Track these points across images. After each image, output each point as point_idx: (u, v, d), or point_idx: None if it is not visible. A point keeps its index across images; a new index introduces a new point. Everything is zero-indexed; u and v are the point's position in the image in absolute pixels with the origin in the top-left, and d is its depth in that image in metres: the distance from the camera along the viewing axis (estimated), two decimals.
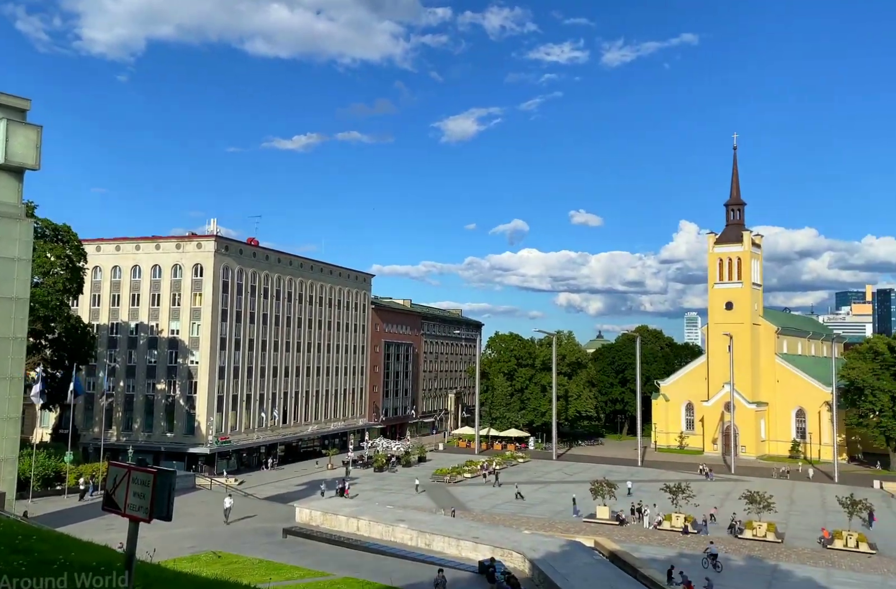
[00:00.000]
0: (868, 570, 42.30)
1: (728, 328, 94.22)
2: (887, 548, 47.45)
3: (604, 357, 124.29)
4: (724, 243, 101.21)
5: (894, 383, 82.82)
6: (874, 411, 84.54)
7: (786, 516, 55.65)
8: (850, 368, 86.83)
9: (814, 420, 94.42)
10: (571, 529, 48.84)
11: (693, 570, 39.25)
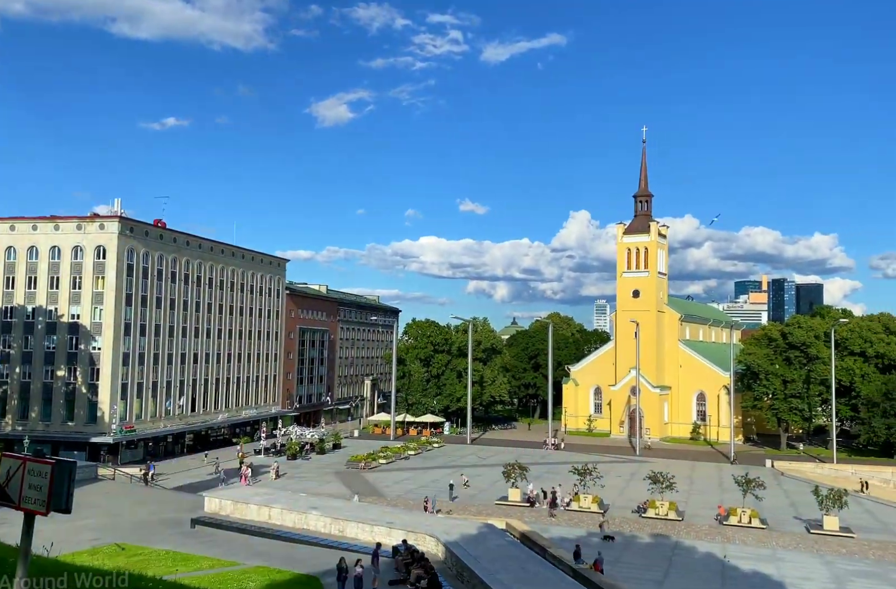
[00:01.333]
0: (759, 544, 45.01)
1: (635, 315, 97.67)
2: (777, 523, 50.62)
3: (518, 343, 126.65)
4: (632, 233, 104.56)
5: (786, 368, 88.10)
6: (767, 395, 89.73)
7: (686, 495, 58.44)
8: (747, 354, 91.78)
9: (713, 403, 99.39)
10: (484, 512, 49.71)
11: (600, 548, 40.73)
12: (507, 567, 26.17)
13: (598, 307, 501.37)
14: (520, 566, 26.50)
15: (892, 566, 40.75)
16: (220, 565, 28.94)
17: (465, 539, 30.40)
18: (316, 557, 30.50)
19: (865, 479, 68.96)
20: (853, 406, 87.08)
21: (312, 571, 27.97)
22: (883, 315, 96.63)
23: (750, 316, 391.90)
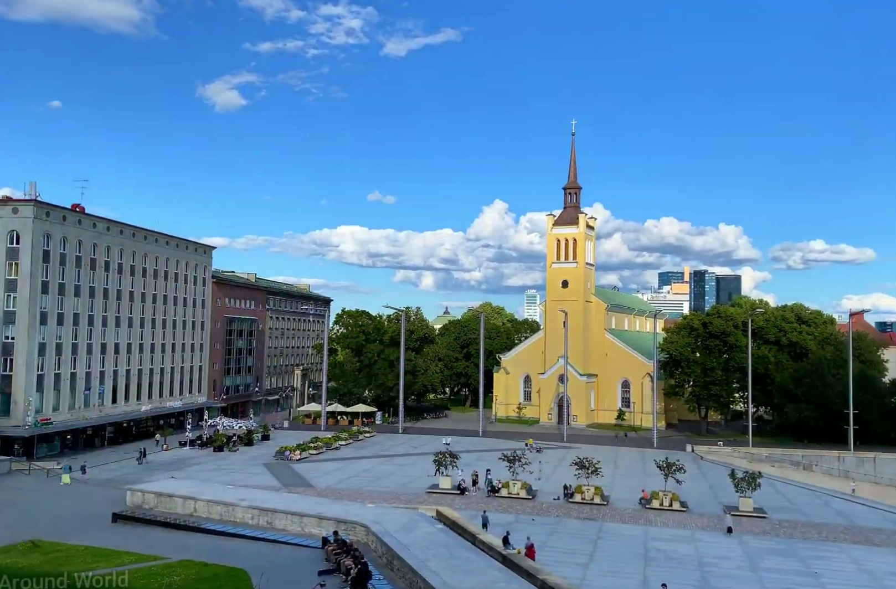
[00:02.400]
0: (680, 526, 46.76)
1: (564, 305, 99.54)
2: (696, 505, 52.68)
3: (450, 332, 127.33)
4: (561, 225, 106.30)
5: (706, 356, 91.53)
6: (689, 382, 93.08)
7: (611, 480, 60.14)
8: (669, 343, 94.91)
9: (637, 390, 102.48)
10: (415, 501, 49.92)
11: (528, 533, 41.52)
12: (438, 554, 26.37)
13: (528, 297, 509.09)
14: (450, 553, 26.74)
15: (801, 543, 43.02)
16: (143, 560, 28.17)
17: (395, 528, 30.46)
18: (243, 550, 30.01)
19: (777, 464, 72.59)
20: (768, 393, 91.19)
21: (240, 563, 27.52)
22: (796, 305, 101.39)
23: (672, 306, 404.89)
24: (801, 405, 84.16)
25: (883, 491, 66.55)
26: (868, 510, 54.40)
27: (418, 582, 23.86)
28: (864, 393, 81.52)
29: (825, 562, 39.17)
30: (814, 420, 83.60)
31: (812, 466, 74.13)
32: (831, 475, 72.01)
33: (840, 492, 61.67)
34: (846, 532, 46.37)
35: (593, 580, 34.24)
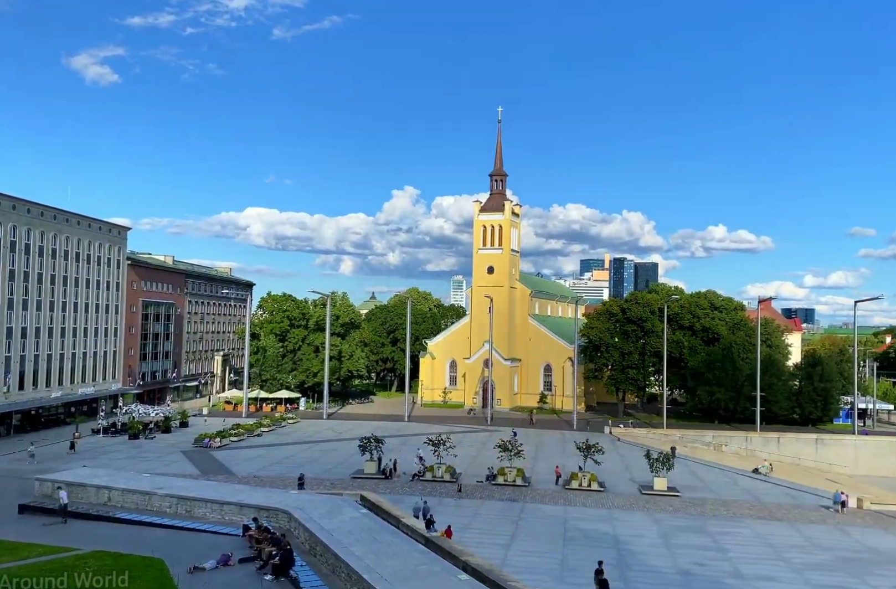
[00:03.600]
0: (598, 505, 48.26)
1: (489, 291, 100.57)
2: (613, 485, 54.46)
3: (377, 317, 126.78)
4: (487, 212, 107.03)
5: (624, 341, 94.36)
6: (607, 366, 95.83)
7: (533, 462, 61.43)
8: (590, 328, 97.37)
9: (559, 374, 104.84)
10: (339, 486, 49.71)
11: (451, 516, 41.98)
12: (361, 539, 26.32)
13: (454, 283, 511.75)
14: (373, 538, 26.72)
15: (710, 520, 45.12)
16: (53, 552, 27.02)
17: (318, 514, 30.22)
18: (161, 539, 29.20)
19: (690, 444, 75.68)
20: (682, 376, 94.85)
21: (157, 553, 26.76)
22: (709, 292, 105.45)
23: (593, 292, 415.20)
24: (713, 388, 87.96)
25: (786, 469, 70.44)
26: (772, 487, 57.53)
27: (341, 567, 23.77)
28: (770, 376, 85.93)
29: (732, 537, 41.21)
30: (724, 402, 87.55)
31: (722, 446, 77.67)
32: (739, 455, 75.68)
33: (748, 471, 64.90)
34: (752, 508, 48.90)
35: (514, 560, 34.97)
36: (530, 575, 30.67)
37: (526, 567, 33.50)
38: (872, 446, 79.07)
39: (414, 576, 22.12)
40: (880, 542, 41.29)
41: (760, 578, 33.72)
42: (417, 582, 21.52)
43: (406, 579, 21.56)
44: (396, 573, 22.11)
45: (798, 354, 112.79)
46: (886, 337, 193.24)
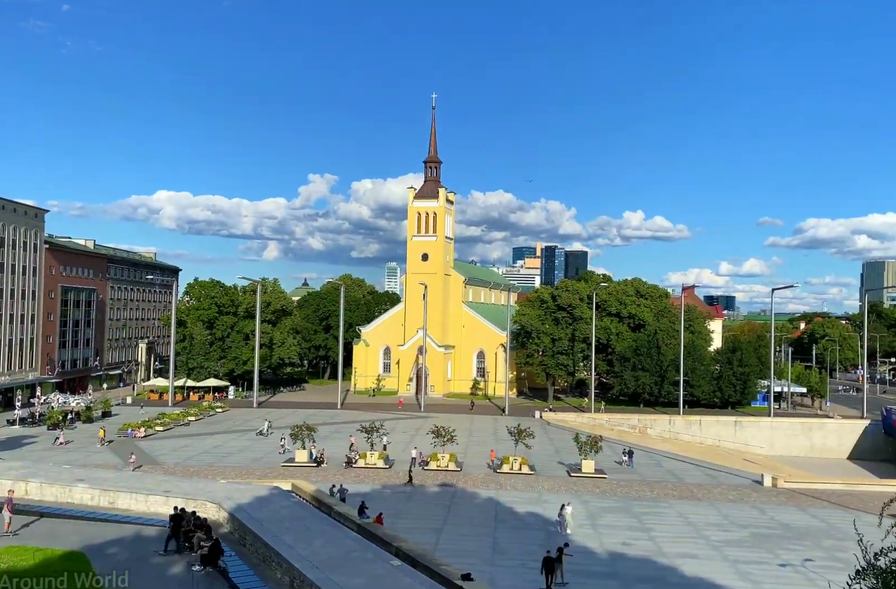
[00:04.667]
0: (528, 488, 49.18)
1: (424, 278, 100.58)
2: (543, 468, 55.59)
3: (309, 304, 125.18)
4: (422, 198, 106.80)
5: (555, 327, 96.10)
6: (538, 352, 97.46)
7: (465, 447, 62.07)
8: (522, 315, 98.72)
9: (491, 360, 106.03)
10: (270, 475, 49.08)
11: (385, 503, 42.08)
12: (292, 528, 26.07)
13: (388, 269, 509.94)
14: (305, 526, 26.51)
15: (635, 502, 46.60)
16: None
17: (248, 504, 29.75)
18: (82, 532, 28.21)
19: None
20: (609, 361, 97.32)
21: (79, 546, 25.85)
22: (635, 280, 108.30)
23: (525, 280, 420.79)
24: (639, 373, 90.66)
25: (707, 450, 73.40)
26: (694, 468, 59.84)
27: (272, 556, 23.52)
28: (693, 361, 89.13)
29: (656, 517, 42.69)
30: (649, 386, 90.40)
31: (647, 428, 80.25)
32: (663, 437, 78.36)
33: (672, 453, 67.29)
34: (675, 489, 50.74)
35: (446, 544, 35.33)
36: (462, 558, 31.05)
37: (458, 551, 33.90)
38: (786, 428, 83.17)
39: (346, 563, 22.08)
40: (792, 518, 43.52)
41: (682, 556, 35.08)
42: (350, 569, 21.49)
43: (338, 566, 21.51)
44: (328, 561, 22.03)
45: (719, 339, 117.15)
46: (801, 323, 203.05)
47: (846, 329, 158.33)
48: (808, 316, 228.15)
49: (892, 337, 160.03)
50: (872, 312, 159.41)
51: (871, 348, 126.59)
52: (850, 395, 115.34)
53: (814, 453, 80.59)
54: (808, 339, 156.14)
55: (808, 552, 35.96)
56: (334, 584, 20.10)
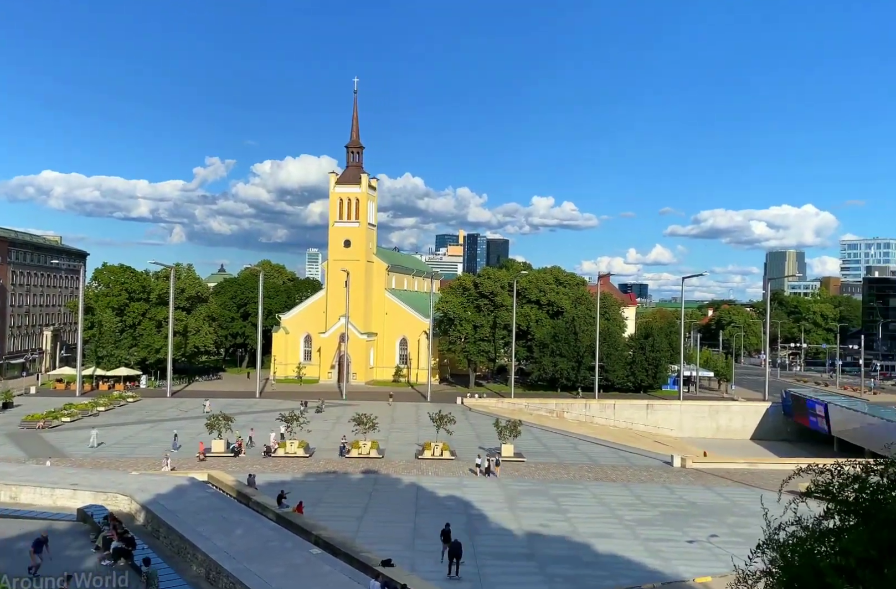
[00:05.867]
0: (449, 473, 49.71)
1: (346, 265, 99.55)
2: (464, 453, 56.22)
3: (226, 291, 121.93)
4: (344, 184, 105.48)
5: (477, 315, 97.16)
6: (461, 339, 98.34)
7: (387, 434, 62.10)
8: (444, 302, 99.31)
9: (414, 347, 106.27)
10: (185, 466, 47.80)
11: (305, 491, 41.71)
12: (209, 519, 25.52)
13: (310, 256, 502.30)
14: (222, 517, 26.01)
15: (552, 484, 47.81)
16: None
17: (162, 496, 28.93)
18: None
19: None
20: (529, 347, 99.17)
21: None
22: (554, 268, 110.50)
23: (448, 267, 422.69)
24: (557, 358, 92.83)
25: (620, 433, 76.00)
26: (608, 450, 61.85)
27: (187, 548, 22.98)
28: (608, 347, 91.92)
29: (572, 499, 43.96)
30: (566, 372, 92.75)
31: (564, 413, 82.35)
32: (579, 421, 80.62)
33: (588, 436, 69.31)
34: (590, 471, 52.34)
35: (367, 531, 35.34)
36: (383, 545, 31.14)
37: (379, 537, 33.96)
38: (694, 410, 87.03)
39: (264, 552, 21.79)
40: (699, 496, 45.65)
41: (596, 536, 36.27)
42: (268, 558, 21.22)
43: (256, 556, 21.21)
44: (246, 551, 21.69)
45: (633, 326, 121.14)
46: (709, 310, 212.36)
47: (750, 316, 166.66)
48: (715, 303, 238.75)
49: (793, 323, 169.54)
50: (774, 299, 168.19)
51: (773, 334, 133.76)
52: (753, 378, 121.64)
53: (720, 434, 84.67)
54: (716, 325, 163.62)
55: (714, 529, 37.84)
56: (252, 574, 19.83)
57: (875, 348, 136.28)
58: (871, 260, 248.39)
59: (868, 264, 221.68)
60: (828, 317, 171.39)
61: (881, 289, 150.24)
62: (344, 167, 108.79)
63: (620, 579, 30.08)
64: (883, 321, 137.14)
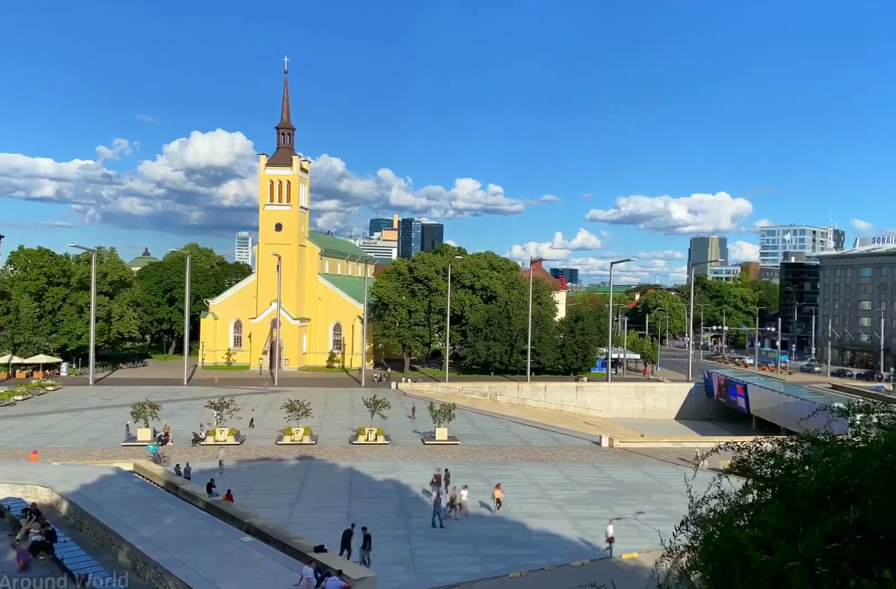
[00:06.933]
0: (383, 458, 49.79)
1: (277, 249, 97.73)
2: (399, 437, 56.42)
3: (151, 276, 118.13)
4: (275, 166, 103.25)
5: (411, 299, 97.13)
6: (395, 323, 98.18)
7: (321, 420, 61.64)
8: (379, 287, 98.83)
9: (348, 333, 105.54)
10: (109, 455, 46.33)
11: (236, 479, 41.08)
12: (134, 509, 24.84)
13: (240, 239, 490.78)
14: (148, 507, 25.34)
15: (485, 466, 48.51)
16: None
17: (85, 486, 27.96)
18: None
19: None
20: (463, 332, 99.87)
21: None
22: (488, 253, 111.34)
23: (383, 252, 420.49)
24: (490, 343, 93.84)
25: (551, 414, 77.57)
26: (540, 432, 63.07)
27: (112, 539, 22.32)
28: (540, 331, 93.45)
29: (505, 480, 44.66)
30: (500, 355, 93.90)
31: (497, 396, 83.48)
32: (512, 403, 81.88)
33: (520, 418, 70.47)
34: (522, 452, 53.30)
35: (299, 518, 35.11)
36: (315, 531, 30.97)
37: (312, 524, 33.78)
38: (622, 392, 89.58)
39: (194, 542, 21.38)
40: (625, 475, 47.12)
41: (528, 515, 37.03)
42: (198, 548, 20.83)
43: (185, 546, 20.79)
44: (174, 541, 21.22)
45: (563, 310, 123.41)
46: (636, 294, 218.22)
47: (675, 300, 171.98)
48: (642, 288, 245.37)
49: (715, 307, 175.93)
50: (698, 284, 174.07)
51: (696, 317, 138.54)
52: (678, 360, 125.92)
53: (646, 415, 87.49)
54: (642, 309, 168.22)
55: (640, 506, 39.15)
56: (181, 564, 19.42)
57: (791, 331, 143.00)
58: (788, 246, 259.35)
59: (785, 250, 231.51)
60: (748, 300, 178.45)
61: (797, 273, 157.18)
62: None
63: (552, 558, 30.84)
64: (798, 304, 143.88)
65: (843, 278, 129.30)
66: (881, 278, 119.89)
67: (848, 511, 3.73)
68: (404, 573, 28.93)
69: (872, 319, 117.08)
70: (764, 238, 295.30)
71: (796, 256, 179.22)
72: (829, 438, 4.98)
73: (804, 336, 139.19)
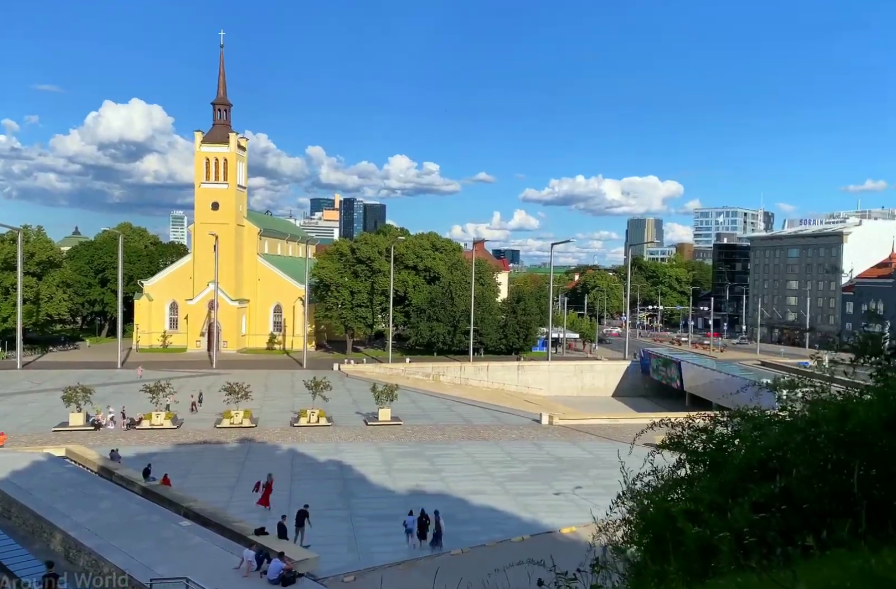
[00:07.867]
0: (325, 439, 49.58)
1: (214, 228, 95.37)
2: (341, 419, 56.26)
3: (81, 256, 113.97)
4: (211, 143, 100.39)
5: (354, 280, 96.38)
6: (338, 305, 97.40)
7: (261, 402, 60.88)
8: (321, 268, 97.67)
9: (289, 314, 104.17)
10: (39, 441, 44.82)
11: (174, 464, 40.31)
12: (67, 495, 24.14)
13: (174, 218, 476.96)
14: (82, 492, 24.67)
15: (427, 445, 48.85)
16: None
17: (14, 472, 27.03)
18: None
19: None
20: (406, 313, 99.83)
21: None
22: (431, 234, 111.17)
23: (324, 232, 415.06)
24: (433, 323, 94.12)
25: (493, 393, 78.53)
26: (482, 411, 63.82)
27: (43, 527, 21.66)
28: (482, 311, 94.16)
29: (447, 459, 45.15)
30: (443, 336, 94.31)
31: (440, 376, 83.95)
32: (454, 383, 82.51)
33: (462, 398, 71.12)
34: (464, 431, 53.86)
35: (239, 502, 34.70)
36: (257, 513, 30.74)
37: (253, 506, 33.45)
38: (562, 370, 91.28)
39: (130, 527, 20.94)
40: (565, 452, 48.17)
41: (470, 493, 37.52)
42: (134, 533, 20.41)
43: (120, 532, 20.34)
44: (109, 526, 20.74)
45: (506, 291, 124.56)
46: (575, 275, 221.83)
47: (613, 280, 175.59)
48: (581, 268, 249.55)
49: (651, 287, 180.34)
50: (635, 264, 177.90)
51: (633, 297, 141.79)
52: (614, 339, 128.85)
53: (584, 392, 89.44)
54: (581, 289, 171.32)
55: (579, 481, 40.11)
56: (115, 549, 19.02)
57: (723, 310, 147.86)
58: (721, 227, 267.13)
59: (718, 231, 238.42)
60: (682, 280, 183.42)
61: (729, 254, 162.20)
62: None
63: (493, 534, 31.35)
64: (730, 284, 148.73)
65: (772, 259, 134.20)
66: (807, 259, 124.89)
67: (774, 482, 3.86)
68: (346, 553, 28.98)
69: (799, 298, 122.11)
70: (698, 220, 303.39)
71: (728, 238, 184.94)
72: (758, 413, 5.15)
73: (736, 315, 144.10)
